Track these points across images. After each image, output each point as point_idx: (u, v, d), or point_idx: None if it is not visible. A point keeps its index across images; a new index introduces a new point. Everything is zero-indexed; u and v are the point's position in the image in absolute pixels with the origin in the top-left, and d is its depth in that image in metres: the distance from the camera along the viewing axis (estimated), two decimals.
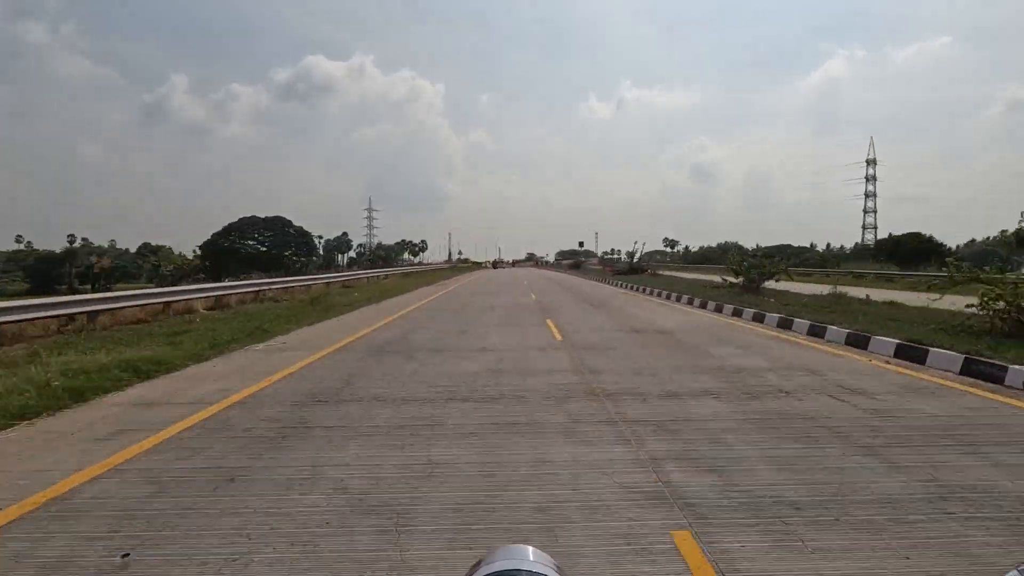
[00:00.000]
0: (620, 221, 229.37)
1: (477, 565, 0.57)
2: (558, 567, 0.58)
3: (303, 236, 71.58)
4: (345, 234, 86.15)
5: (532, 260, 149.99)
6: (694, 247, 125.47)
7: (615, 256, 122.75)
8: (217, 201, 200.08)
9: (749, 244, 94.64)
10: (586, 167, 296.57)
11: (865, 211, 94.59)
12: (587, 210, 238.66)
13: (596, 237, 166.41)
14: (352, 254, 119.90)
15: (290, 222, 71.21)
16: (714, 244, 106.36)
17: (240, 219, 67.82)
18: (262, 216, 69.43)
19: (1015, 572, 0.58)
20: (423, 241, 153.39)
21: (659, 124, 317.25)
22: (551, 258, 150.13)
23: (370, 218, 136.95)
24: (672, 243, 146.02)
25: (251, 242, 63.40)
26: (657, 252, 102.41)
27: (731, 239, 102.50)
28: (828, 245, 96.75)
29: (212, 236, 64.99)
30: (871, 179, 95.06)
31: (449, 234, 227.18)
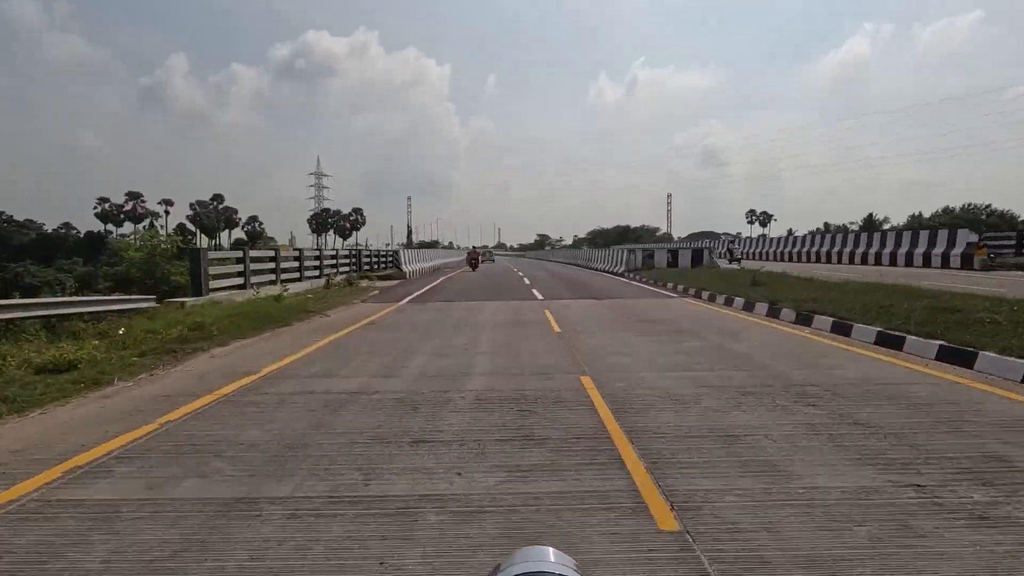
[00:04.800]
0: (635, 202, 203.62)
1: (497, 568, 0.55)
2: (578, 567, 0.57)
3: None
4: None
5: (546, 245, 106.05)
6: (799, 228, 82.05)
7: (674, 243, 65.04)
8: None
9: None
10: (599, 148, 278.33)
11: None
12: (601, 191, 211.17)
13: (669, 202, 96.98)
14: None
15: None
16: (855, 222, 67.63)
17: None
18: None
19: None
20: (357, 211, 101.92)
21: (673, 105, 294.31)
22: (568, 241, 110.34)
23: (318, 186, 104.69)
24: (764, 217, 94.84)
25: None
26: (716, 235, 68.44)
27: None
28: None
29: None
30: None
31: (408, 198, 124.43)
